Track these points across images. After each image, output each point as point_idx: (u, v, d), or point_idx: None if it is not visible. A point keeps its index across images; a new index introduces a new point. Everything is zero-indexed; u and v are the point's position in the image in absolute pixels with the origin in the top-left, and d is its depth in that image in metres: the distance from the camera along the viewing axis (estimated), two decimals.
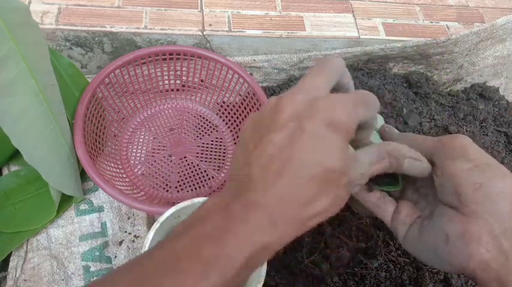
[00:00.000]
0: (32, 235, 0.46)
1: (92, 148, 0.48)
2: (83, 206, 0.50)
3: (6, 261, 0.45)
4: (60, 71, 0.46)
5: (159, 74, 0.56)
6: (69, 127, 0.45)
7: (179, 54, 0.54)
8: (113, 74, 0.51)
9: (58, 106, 0.43)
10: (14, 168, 0.51)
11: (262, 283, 0.38)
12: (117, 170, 0.53)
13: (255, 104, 0.55)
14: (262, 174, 0.23)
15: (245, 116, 0.57)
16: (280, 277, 0.46)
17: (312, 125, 0.24)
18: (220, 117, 0.60)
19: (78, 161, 0.46)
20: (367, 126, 0.28)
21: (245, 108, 0.57)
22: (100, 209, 0.50)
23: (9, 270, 0.44)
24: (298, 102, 0.25)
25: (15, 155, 0.51)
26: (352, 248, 0.45)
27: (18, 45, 0.35)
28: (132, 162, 0.55)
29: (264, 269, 0.38)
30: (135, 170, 0.54)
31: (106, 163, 0.51)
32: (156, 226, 0.37)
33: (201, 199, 0.39)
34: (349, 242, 0.45)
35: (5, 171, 0.51)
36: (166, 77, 0.57)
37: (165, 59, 0.55)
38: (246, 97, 0.55)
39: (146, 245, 0.36)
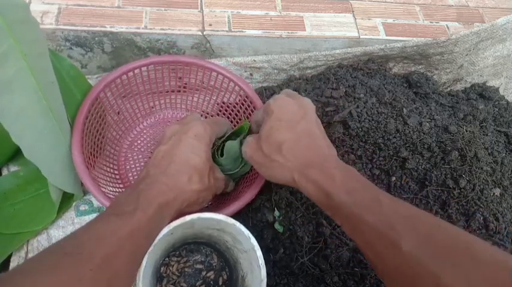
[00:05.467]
0: (32, 236, 0.46)
1: (90, 152, 0.48)
2: (82, 207, 0.50)
3: (7, 262, 0.45)
4: (61, 72, 0.46)
5: (160, 76, 0.56)
6: (69, 126, 0.45)
7: (166, 64, 0.54)
8: (113, 83, 0.50)
9: (58, 104, 0.43)
10: (13, 168, 0.50)
11: (265, 285, 0.38)
12: (113, 175, 0.53)
13: (249, 106, 0.55)
14: (157, 166, 0.40)
15: (241, 117, 0.57)
16: (280, 277, 0.46)
17: (185, 136, 0.42)
18: (221, 117, 0.60)
19: None
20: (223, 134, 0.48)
21: (245, 110, 0.56)
22: (100, 210, 0.50)
23: None
24: (175, 125, 0.44)
25: (15, 155, 0.51)
26: (352, 248, 0.45)
27: (18, 42, 0.35)
28: (129, 166, 0.55)
29: (263, 271, 0.38)
30: (129, 175, 0.54)
31: (103, 165, 0.51)
32: (149, 249, 0.36)
33: (194, 216, 0.38)
34: (349, 242, 0.45)
35: (5, 171, 0.51)
36: (167, 80, 0.57)
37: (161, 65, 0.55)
38: (245, 101, 0.55)
39: (141, 270, 0.36)
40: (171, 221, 0.38)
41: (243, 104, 0.56)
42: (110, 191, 0.48)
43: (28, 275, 0.25)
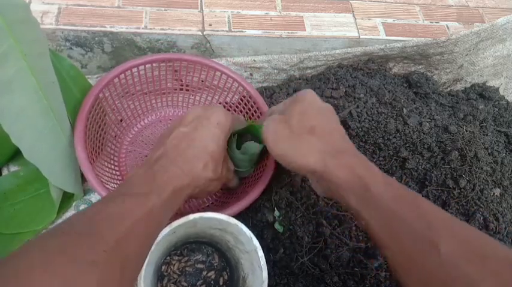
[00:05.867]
0: (32, 236, 0.46)
1: (93, 147, 0.48)
2: (82, 207, 0.50)
3: None
4: (61, 72, 0.46)
5: (164, 74, 0.56)
6: (69, 125, 0.45)
7: (170, 61, 0.54)
8: (116, 78, 0.50)
9: (58, 104, 0.43)
10: (13, 168, 0.50)
11: (266, 285, 0.38)
12: (114, 171, 0.53)
13: (252, 107, 0.55)
14: (175, 148, 0.39)
15: (243, 116, 0.57)
16: (280, 277, 0.46)
17: (207, 122, 0.41)
18: None
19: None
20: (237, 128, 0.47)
21: (248, 111, 0.57)
22: None
23: None
24: (198, 109, 0.43)
25: (15, 155, 0.51)
26: (352, 248, 0.45)
27: (18, 42, 0.35)
28: (130, 163, 0.55)
29: (265, 272, 0.38)
30: (129, 172, 0.54)
31: (104, 162, 0.51)
32: (151, 247, 0.36)
33: (197, 215, 0.38)
34: (349, 242, 0.45)
35: (5, 171, 0.51)
36: (169, 79, 0.57)
37: (165, 62, 0.55)
38: (248, 102, 0.56)
39: (143, 269, 0.35)
40: (181, 205, 0.38)
41: (245, 105, 0.56)
42: (111, 188, 0.48)
43: (38, 253, 0.24)
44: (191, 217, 0.38)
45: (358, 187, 0.33)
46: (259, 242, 0.39)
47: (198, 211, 0.40)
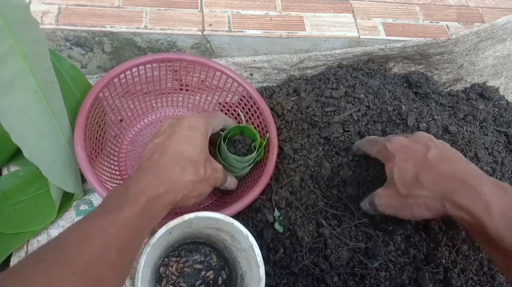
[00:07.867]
0: (32, 236, 0.46)
1: (92, 147, 0.48)
2: (82, 207, 0.50)
3: (7, 262, 0.45)
4: (61, 72, 0.46)
5: (160, 74, 0.56)
6: (69, 125, 0.45)
7: (170, 61, 0.54)
8: (116, 78, 0.50)
9: (58, 103, 0.43)
10: (13, 168, 0.50)
11: (263, 284, 0.38)
12: (113, 171, 0.53)
13: (252, 107, 0.55)
14: (149, 160, 0.39)
15: (244, 116, 0.57)
16: (280, 277, 0.46)
17: (179, 128, 0.41)
18: None
19: None
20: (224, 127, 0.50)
21: (247, 111, 0.56)
22: None
23: None
24: (171, 119, 0.44)
25: (15, 155, 0.51)
26: (352, 248, 0.45)
27: (18, 42, 0.35)
28: (130, 163, 0.55)
29: (262, 269, 0.38)
30: (129, 172, 0.54)
31: (104, 161, 0.51)
32: (147, 249, 0.36)
33: (192, 215, 0.38)
34: (349, 242, 0.45)
35: (5, 171, 0.51)
36: (167, 79, 0.57)
37: (164, 62, 0.55)
38: (248, 102, 0.56)
39: (139, 270, 0.35)
40: (168, 214, 0.37)
41: (245, 105, 0.56)
42: (110, 187, 0.48)
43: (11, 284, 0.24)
44: (186, 217, 0.38)
45: (479, 229, 0.32)
46: (259, 243, 0.39)
47: (198, 210, 0.40)
